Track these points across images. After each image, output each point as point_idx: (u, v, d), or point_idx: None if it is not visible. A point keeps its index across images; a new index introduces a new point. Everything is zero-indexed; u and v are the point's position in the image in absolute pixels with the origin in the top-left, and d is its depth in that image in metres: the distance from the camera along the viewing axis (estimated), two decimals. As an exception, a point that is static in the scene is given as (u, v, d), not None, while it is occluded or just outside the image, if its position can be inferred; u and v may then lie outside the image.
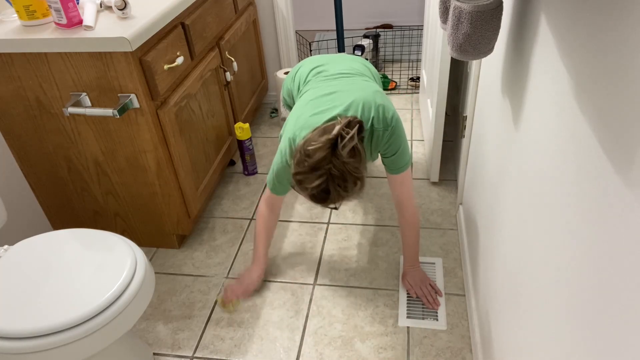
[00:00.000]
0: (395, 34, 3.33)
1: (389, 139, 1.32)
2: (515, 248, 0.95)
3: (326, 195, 1.16)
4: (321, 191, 1.15)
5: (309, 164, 1.13)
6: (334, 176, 1.13)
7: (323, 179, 1.13)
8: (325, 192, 1.15)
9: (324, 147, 1.12)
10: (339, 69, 1.51)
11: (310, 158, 1.13)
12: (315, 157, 1.12)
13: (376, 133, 1.31)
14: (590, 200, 0.59)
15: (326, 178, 1.13)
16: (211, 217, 1.93)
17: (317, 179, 1.13)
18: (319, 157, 1.12)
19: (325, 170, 1.12)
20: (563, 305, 0.67)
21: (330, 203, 1.18)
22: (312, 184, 1.14)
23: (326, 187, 1.14)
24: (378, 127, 1.30)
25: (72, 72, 1.36)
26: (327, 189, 1.14)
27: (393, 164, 1.37)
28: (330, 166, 1.12)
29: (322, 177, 1.13)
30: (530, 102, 0.88)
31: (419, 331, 1.42)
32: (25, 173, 1.64)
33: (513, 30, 1.02)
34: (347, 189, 1.15)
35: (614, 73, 0.52)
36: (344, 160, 1.12)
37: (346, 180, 1.14)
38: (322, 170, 1.12)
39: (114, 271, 1.12)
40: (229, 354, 1.41)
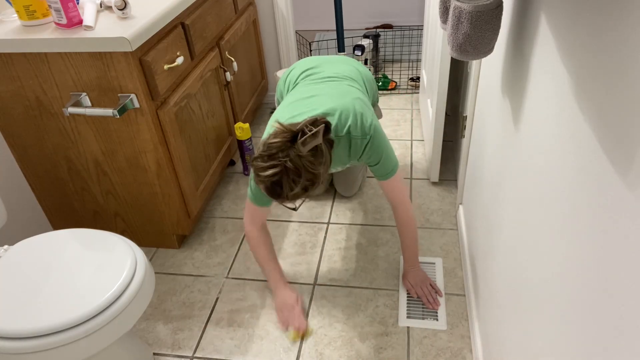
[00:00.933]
0: (395, 34, 3.33)
1: (369, 148, 1.32)
2: (515, 248, 0.95)
3: (279, 188, 1.12)
4: (273, 183, 1.12)
5: (265, 152, 1.12)
6: (288, 169, 1.10)
7: (277, 169, 1.10)
8: (277, 184, 1.12)
9: (283, 137, 1.11)
10: (329, 72, 1.50)
11: (269, 145, 1.11)
12: (272, 145, 1.11)
13: (354, 141, 1.30)
14: (590, 200, 0.59)
15: (280, 170, 1.10)
16: (211, 217, 1.93)
17: (271, 169, 1.10)
18: (276, 145, 1.10)
19: (281, 161, 1.10)
20: (563, 305, 0.67)
21: (284, 198, 1.14)
22: (265, 172, 1.11)
23: (279, 179, 1.11)
24: (356, 135, 1.29)
25: (72, 72, 1.36)
26: (279, 182, 1.11)
27: (378, 171, 1.37)
28: (287, 159, 1.10)
29: (276, 167, 1.10)
30: (530, 102, 0.88)
31: (419, 331, 1.42)
32: (25, 173, 1.64)
33: (513, 30, 1.02)
34: (300, 185, 1.12)
35: (614, 73, 0.52)
36: (301, 154, 1.10)
37: (300, 176, 1.11)
38: (277, 160, 1.10)
39: (114, 271, 1.12)
40: (229, 354, 1.41)
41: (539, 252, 0.79)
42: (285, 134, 1.11)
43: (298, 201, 1.17)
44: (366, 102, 1.40)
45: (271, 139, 1.12)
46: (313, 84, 1.45)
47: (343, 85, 1.43)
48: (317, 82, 1.46)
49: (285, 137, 1.11)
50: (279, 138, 1.11)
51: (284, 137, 1.11)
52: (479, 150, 1.41)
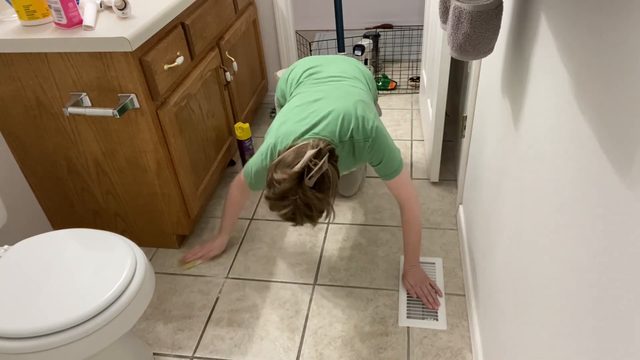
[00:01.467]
0: (395, 34, 3.33)
1: (371, 150, 1.34)
2: (515, 248, 0.95)
3: (293, 220, 1.22)
4: (288, 218, 1.21)
5: (276, 193, 1.18)
6: (299, 206, 1.17)
7: (289, 208, 1.18)
8: (292, 219, 1.21)
9: (291, 179, 1.16)
10: (331, 72, 1.52)
11: (278, 187, 1.18)
12: (282, 187, 1.17)
13: (357, 144, 1.33)
14: (590, 200, 0.59)
15: (292, 207, 1.18)
16: (211, 217, 1.93)
17: (284, 208, 1.19)
18: (286, 188, 1.16)
19: (292, 200, 1.17)
20: (563, 305, 0.67)
21: (299, 225, 1.25)
22: (280, 211, 1.20)
23: (293, 215, 1.19)
24: (358, 139, 1.32)
25: (72, 72, 1.36)
26: (293, 217, 1.20)
27: (382, 171, 1.39)
28: (297, 197, 1.16)
29: (288, 206, 1.18)
30: (530, 102, 0.88)
31: (419, 331, 1.42)
32: (25, 173, 1.64)
33: (513, 30, 1.02)
34: (313, 218, 1.21)
35: (614, 73, 0.52)
36: (308, 194, 1.16)
37: (311, 210, 1.19)
38: (289, 200, 1.17)
39: (114, 271, 1.12)
40: (229, 354, 1.41)
41: (539, 251, 0.79)
42: (293, 176, 1.16)
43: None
44: (368, 102, 1.41)
45: (279, 182, 1.17)
46: (317, 85, 1.47)
47: (346, 85, 1.44)
48: (321, 83, 1.47)
49: (293, 179, 1.16)
50: (288, 182, 1.16)
51: (292, 179, 1.16)
52: (479, 150, 1.41)
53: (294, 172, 1.16)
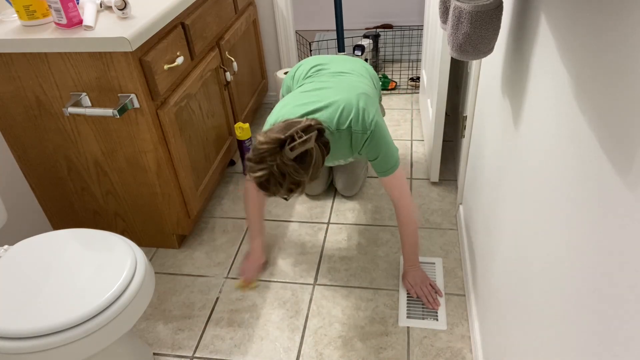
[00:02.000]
0: (395, 34, 3.33)
1: (369, 143, 1.35)
2: (515, 248, 0.95)
3: (266, 187, 1.21)
4: (261, 183, 1.21)
5: (256, 154, 1.19)
6: (273, 173, 1.17)
7: (264, 172, 1.18)
8: (265, 184, 1.21)
9: (272, 144, 1.17)
10: (339, 68, 1.56)
11: (259, 148, 1.19)
12: (262, 148, 1.18)
13: (355, 135, 1.34)
14: (590, 200, 0.59)
15: (267, 172, 1.18)
16: (211, 217, 1.93)
17: (260, 171, 1.18)
18: (265, 150, 1.17)
19: (268, 165, 1.17)
20: (563, 305, 0.67)
21: (271, 195, 1.24)
22: (254, 173, 1.20)
23: (266, 181, 1.19)
24: (356, 130, 1.33)
25: (72, 72, 1.36)
26: (266, 184, 1.20)
27: (378, 167, 1.39)
28: (274, 164, 1.17)
29: (263, 170, 1.18)
30: (530, 102, 0.88)
31: (419, 331, 1.42)
32: (25, 173, 1.64)
33: (513, 30, 1.02)
34: (284, 188, 1.20)
35: (614, 73, 0.52)
36: (286, 162, 1.16)
37: (284, 180, 1.19)
38: (266, 164, 1.18)
39: (114, 271, 1.12)
40: (229, 354, 1.41)
41: (539, 251, 0.79)
42: (275, 140, 1.17)
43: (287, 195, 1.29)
44: (372, 97, 1.43)
45: (261, 143, 1.18)
46: (324, 77, 1.51)
47: (352, 78, 1.47)
48: (328, 76, 1.51)
49: (274, 142, 1.17)
50: (268, 144, 1.17)
51: (273, 143, 1.17)
52: (479, 150, 1.41)
53: (277, 137, 1.17)
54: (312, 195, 1.99)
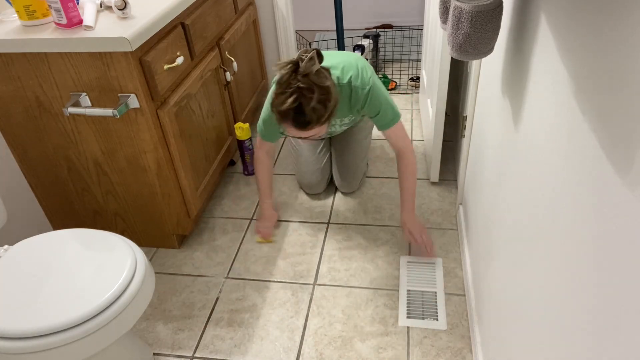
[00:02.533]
0: (395, 34, 3.33)
1: (368, 99, 1.48)
2: (515, 248, 0.95)
3: (302, 115, 1.28)
4: (296, 111, 1.28)
5: (279, 87, 1.30)
6: (302, 90, 1.26)
7: (295, 95, 1.26)
8: (300, 111, 1.28)
9: (287, 68, 1.28)
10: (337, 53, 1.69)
11: (280, 82, 1.30)
12: (283, 79, 1.29)
13: (354, 90, 1.48)
14: (590, 200, 0.59)
15: (297, 95, 1.26)
16: (211, 217, 1.93)
17: (290, 97, 1.27)
18: (286, 76, 1.28)
19: (295, 87, 1.27)
20: (563, 305, 0.67)
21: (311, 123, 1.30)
22: (286, 103, 1.27)
23: (299, 104, 1.27)
24: (356, 85, 1.47)
25: (72, 72, 1.36)
26: (300, 107, 1.27)
27: (380, 121, 1.54)
28: (298, 83, 1.26)
29: (293, 94, 1.26)
30: (530, 102, 0.88)
31: (419, 331, 1.42)
32: (25, 173, 1.64)
33: (513, 30, 1.02)
34: (315, 99, 1.27)
35: (614, 73, 0.52)
36: (309, 77, 1.27)
37: (313, 92, 1.27)
38: (292, 87, 1.27)
39: (114, 271, 1.12)
40: (229, 354, 1.41)
41: (539, 251, 0.79)
42: (288, 65, 1.28)
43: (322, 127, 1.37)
44: (369, 65, 1.57)
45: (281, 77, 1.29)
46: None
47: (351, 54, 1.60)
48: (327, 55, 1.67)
49: (289, 67, 1.28)
50: (285, 70, 1.29)
51: (288, 67, 1.28)
52: (479, 150, 1.41)
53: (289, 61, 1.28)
54: (312, 195, 1.99)
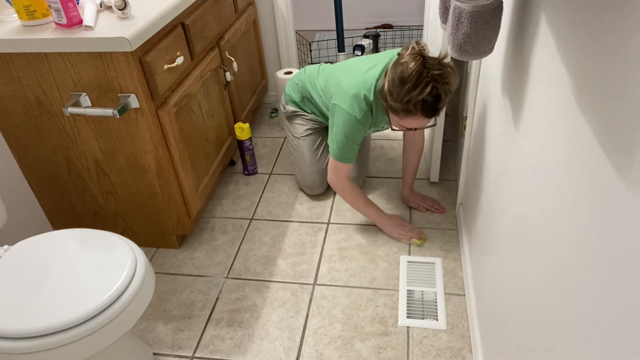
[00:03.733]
0: (395, 34, 3.33)
1: None
2: (515, 248, 0.95)
3: (437, 100, 1.32)
4: (433, 97, 1.31)
5: (412, 82, 1.30)
6: (436, 77, 1.29)
7: (431, 84, 1.28)
8: (436, 97, 1.31)
9: (416, 60, 1.29)
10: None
11: (410, 77, 1.30)
12: (414, 72, 1.29)
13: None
14: (590, 200, 0.59)
15: (432, 82, 1.28)
16: (211, 217, 1.93)
17: (426, 86, 1.29)
18: (418, 69, 1.29)
19: (428, 76, 1.29)
20: (563, 305, 0.67)
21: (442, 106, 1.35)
22: (423, 93, 1.29)
23: (437, 91, 1.30)
24: None
25: (72, 72, 1.36)
26: (437, 94, 1.31)
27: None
28: (431, 71, 1.29)
29: (429, 83, 1.29)
30: (530, 102, 0.88)
31: (419, 331, 1.42)
32: (25, 173, 1.64)
33: (513, 30, 1.02)
34: (451, 83, 1.32)
35: (614, 73, 0.52)
36: (438, 61, 1.29)
37: (446, 76, 1.30)
38: (426, 77, 1.29)
39: (114, 271, 1.12)
40: (229, 354, 1.41)
41: (539, 251, 0.79)
42: (415, 57, 1.30)
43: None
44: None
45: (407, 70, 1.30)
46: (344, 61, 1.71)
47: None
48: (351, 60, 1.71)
49: (417, 59, 1.30)
50: (414, 61, 1.29)
51: (417, 60, 1.29)
52: (479, 150, 1.41)
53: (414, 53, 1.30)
54: (312, 195, 1.99)
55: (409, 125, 1.45)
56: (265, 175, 2.14)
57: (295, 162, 1.96)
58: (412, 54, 1.31)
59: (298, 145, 1.93)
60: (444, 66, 1.30)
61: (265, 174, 2.15)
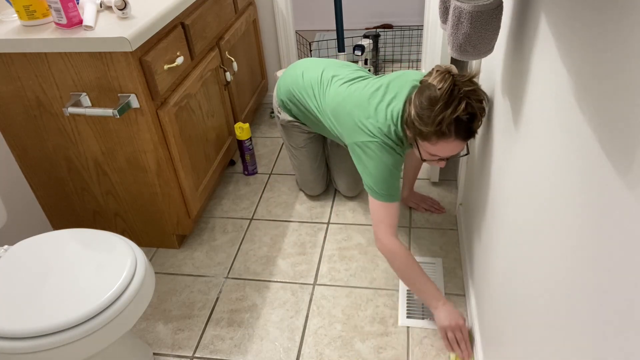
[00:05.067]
0: (395, 34, 3.33)
1: None
2: (515, 248, 0.95)
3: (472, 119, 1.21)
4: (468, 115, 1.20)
5: (443, 101, 1.19)
6: (469, 95, 1.19)
7: (463, 102, 1.18)
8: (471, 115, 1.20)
9: (446, 79, 1.20)
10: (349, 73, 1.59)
11: (442, 96, 1.19)
12: (446, 91, 1.19)
13: None
14: (590, 200, 0.59)
15: (465, 100, 1.19)
16: (211, 217, 1.93)
17: (460, 104, 1.18)
18: (449, 87, 1.19)
19: (460, 94, 1.19)
20: (562, 305, 0.67)
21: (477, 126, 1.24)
22: (457, 111, 1.18)
23: (471, 109, 1.19)
24: None
25: (72, 72, 1.36)
26: (472, 112, 1.20)
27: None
28: (462, 88, 1.19)
29: (462, 100, 1.18)
30: (530, 102, 0.88)
31: (419, 331, 1.42)
32: (25, 173, 1.64)
33: (513, 30, 1.02)
34: (483, 101, 1.23)
35: (614, 73, 0.52)
36: (467, 83, 1.21)
37: (480, 94, 1.22)
38: (459, 95, 1.19)
39: (114, 271, 1.12)
40: (229, 354, 1.41)
41: (539, 251, 0.79)
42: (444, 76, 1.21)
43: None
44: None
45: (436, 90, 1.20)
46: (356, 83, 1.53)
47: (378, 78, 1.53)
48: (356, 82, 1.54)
49: (446, 77, 1.20)
50: (443, 82, 1.20)
51: (447, 80, 1.20)
52: (479, 150, 1.41)
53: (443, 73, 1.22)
54: (312, 195, 1.99)
55: (443, 153, 1.26)
56: (265, 175, 2.14)
57: (295, 168, 1.94)
58: (439, 74, 1.22)
59: (297, 154, 1.87)
60: (475, 84, 1.22)
61: (265, 174, 2.15)
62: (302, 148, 1.84)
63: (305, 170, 1.89)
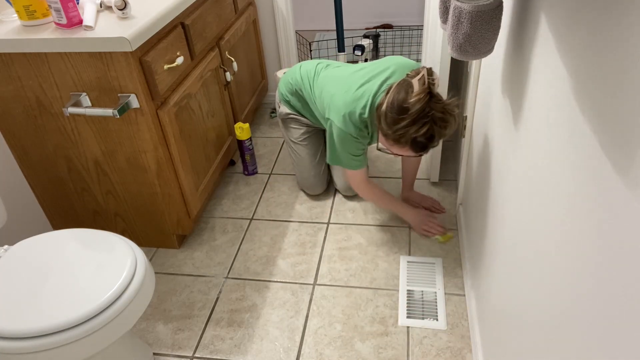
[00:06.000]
0: (395, 34, 3.33)
1: None
2: (515, 248, 0.95)
3: (430, 140, 1.28)
4: (427, 138, 1.27)
5: (411, 117, 1.25)
6: (436, 120, 1.25)
7: (428, 126, 1.25)
8: (429, 137, 1.27)
9: (422, 98, 1.24)
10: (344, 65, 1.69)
11: (410, 111, 1.25)
12: (415, 108, 1.24)
13: None
14: (590, 200, 0.59)
15: (430, 124, 1.25)
16: (211, 217, 1.93)
17: (423, 127, 1.25)
18: (420, 107, 1.23)
19: (428, 116, 1.24)
20: (562, 304, 0.67)
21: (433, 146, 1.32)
22: (418, 133, 1.25)
23: (432, 133, 1.26)
24: None
25: (72, 72, 1.36)
26: (432, 135, 1.27)
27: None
28: (433, 112, 1.24)
29: (426, 124, 1.25)
30: (530, 102, 0.88)
31: (419, 331, 1.42)
32: (25, 173, 1.64)
33: (513, 30, 1.02)
34: (449, 129, 1.28)
35: (614, 73, 0.52)
36: (441, 103, 1.25)
37: (447, 121, 1.27)
38: (426, 118, 1.24)
39: (114, 271, 1.12)
40: (229, 354, 1.41)
41: (539, 251, 0.79)
42: (422, 94, 1.24)
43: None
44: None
45: (413, 107, 1.24)
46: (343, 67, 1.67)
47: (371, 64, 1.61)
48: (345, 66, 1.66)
49: (423, 97, 1.23)
50: (417, 99, 1.24)
51: (423, 98, 1.23)
52: (479, 150, 1.41)
53: (424, 89, 1.23)
54: (312, 195, 1.99)
55: (395, 152, 1.40)
56: (265, 175, 2.14)
57: (295, 164, 1.96)
58: (420, 86, 1.25)
59: (296, 149, 1.92)
60: (447, 112, 1.27)
61: (265, 174, 2.15)
62: (301, 142, 1.89)
63: (305, 166, 1.90)
